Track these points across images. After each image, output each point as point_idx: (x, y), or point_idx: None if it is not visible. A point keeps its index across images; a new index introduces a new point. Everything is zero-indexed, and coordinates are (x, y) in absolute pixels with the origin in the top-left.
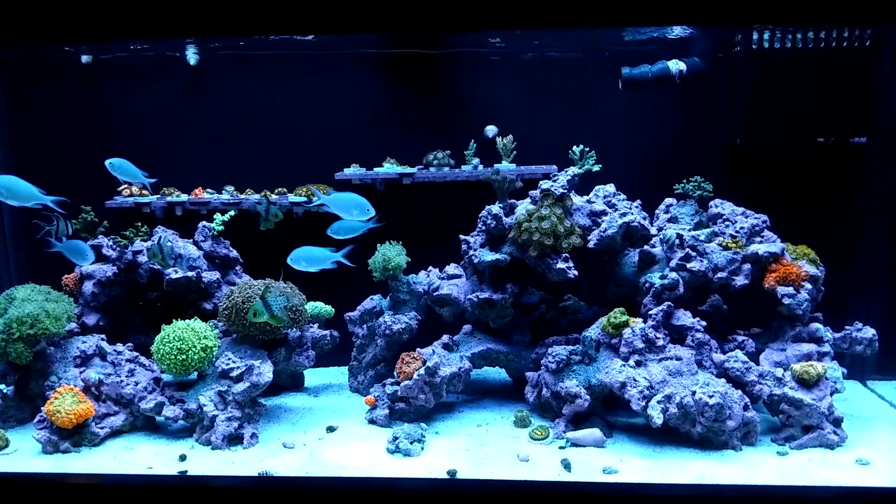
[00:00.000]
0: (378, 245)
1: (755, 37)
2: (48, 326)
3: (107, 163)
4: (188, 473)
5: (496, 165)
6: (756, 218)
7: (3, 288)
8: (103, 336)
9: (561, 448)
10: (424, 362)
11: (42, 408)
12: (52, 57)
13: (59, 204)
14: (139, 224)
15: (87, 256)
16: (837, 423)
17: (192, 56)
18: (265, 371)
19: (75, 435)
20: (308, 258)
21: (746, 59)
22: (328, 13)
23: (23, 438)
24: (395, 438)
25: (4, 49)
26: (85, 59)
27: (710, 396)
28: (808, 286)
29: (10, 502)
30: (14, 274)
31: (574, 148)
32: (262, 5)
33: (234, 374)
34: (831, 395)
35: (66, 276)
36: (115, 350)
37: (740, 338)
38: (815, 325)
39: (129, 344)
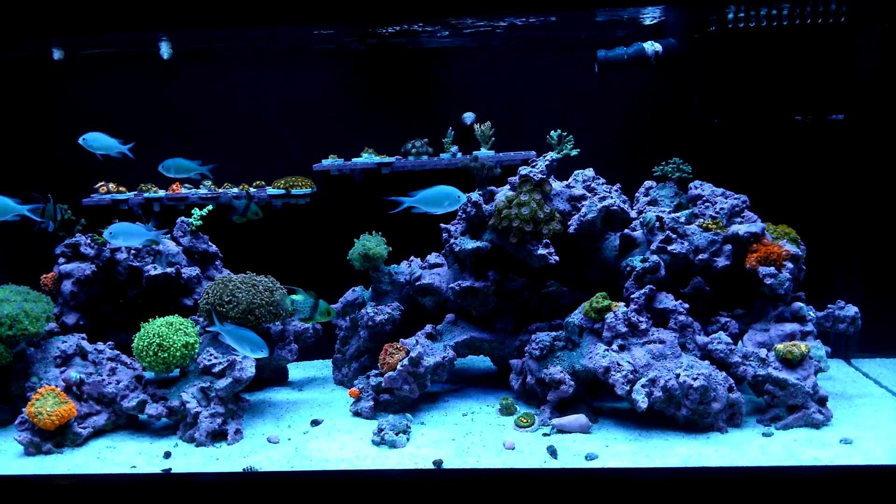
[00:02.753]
0: (358, 236)
1: (730, 16)
2: (27, 327)
3: (80, 140)
4: (172, 471)
5: (475, 153)
6: (736, 198)
7: None
8: (84, 335)
9: (546, 435)
10: (408, 353)
11: (23, 409)
12: (24, 54)
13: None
14: (116, 221)
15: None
16: (822, 402)
17: (165, 50)
18: (248, 366)
19: (58, 436)
20: (125, 233)
21: (721, 38)
22: (306, 4)
23: (4, 441)
24: (381, 430)
25: None
26: (57, 55)
27: (695, 379)
28: (790, 265)
29: None
30: None
31: (552, 133)
32: None
33: (217, 369)
34: (815, 374)
35: (44, 275)
36: (95, 349)
37: (723, 319)
38: (798, 305)
39: (110, 342)
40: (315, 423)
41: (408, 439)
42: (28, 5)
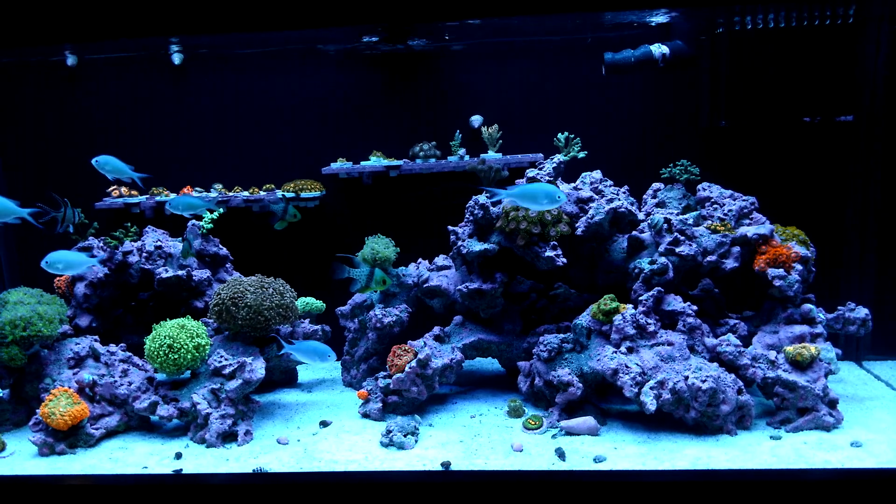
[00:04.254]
0: (366, 238)
1: (737, 18)
2: (41, 329)
3: (93, 161)
4: (183, 472)
5: (482, 155)
6: (744, 200)
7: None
8: (96, 337)
9: (554, 437)
10: (416, 354)
11: (37, 410)
12: (38, 60)
13: (35, 215)
14: (129, 224)
15: (324, 357)
16: (833, 404)
17: (176, 55)
18: (257, 367)
19: (71, 436)
20: (65, 262)
21: (729, 40)
22: (314, 7)
23: (19, 441)
24: (389, 431)
25: None
26: (70, 61)
27: (703, 381)
28: (799, 267)
29: None
30: (7, 277)
31: (559, 135)
32: (248, 2)
33: (227, 371)
34: (826, 376)
35: (57, 278)
36: (108, 351)
37: (732, 321)
38: (808, 307)
39: (122, 344)
40: (324, 424)
41: (416, 441)
42: (40, 12)
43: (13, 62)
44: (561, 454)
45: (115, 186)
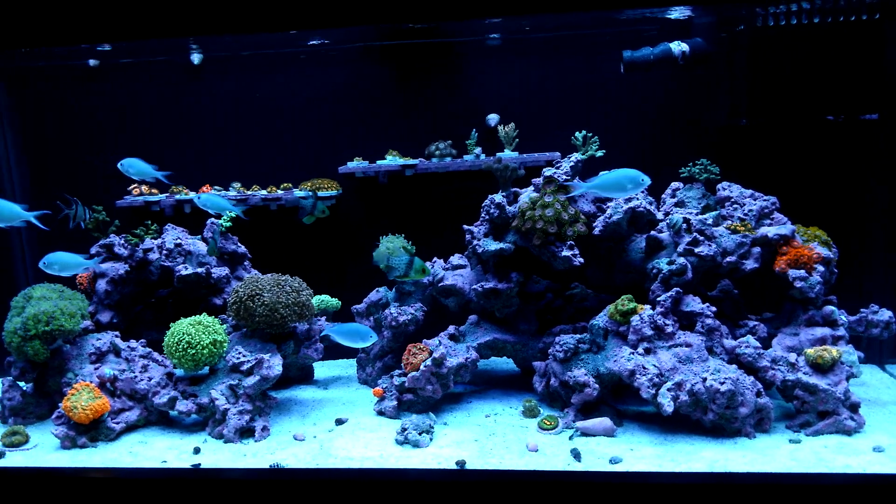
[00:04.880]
0: (381, 237)
1: (759, 13)
2: (63, 324)
3: (119, 165)
4: (202, 466)
5: (498, 154)
6: (765, 200)
7: (20, 287)
8: (117, 333)
9: (571, 438)
10: (431, 353)
11: (60, 404)
12: (60, 62)
13: (42, 218)
14: (149, 222)
15: (366, 338)
16: (854, 408)
17: (195, 56)
18: (275, 364)
19: (92, 430)
20: (60, 263)
21: (750, 37)
22: (332, 7)
23: (42, 434)
24: (404, 429)
25: (13, 54)
26: (92, 62)
27: (722, 383)
28: (821, 268)
29: (31, 497)
30: (30, 273)
31: (577, 134)
32: (267, 3)
33: (245, 367)
34: (847, 379)
35: (79, 274)
36: (128, 346)
37: (752, 323)
38: (829, 308)
39: (142, 340)
40: (339, 421)
41: (431, 439)
42: (63, 13)
43: (39, 65)
44: (577, 455)
45: (135, 185)
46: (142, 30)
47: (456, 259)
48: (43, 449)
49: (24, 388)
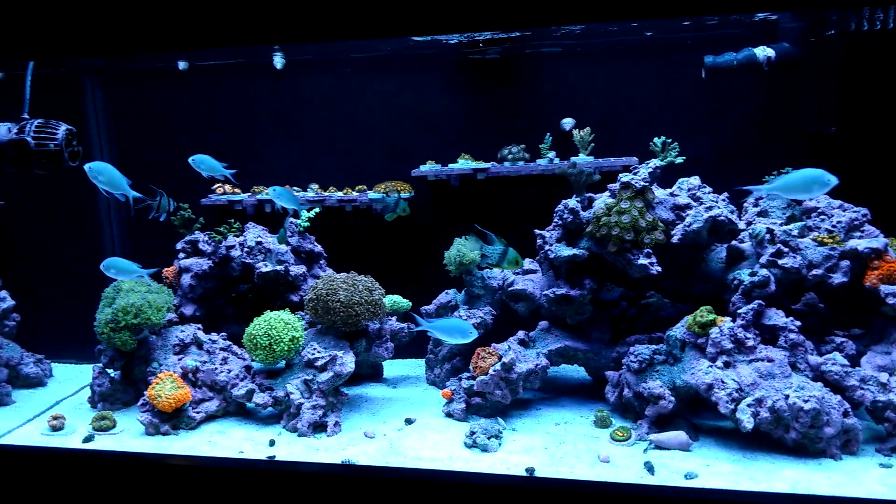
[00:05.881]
0: (455, 239)
1: (850, 17)
2: (150, 316)
3: (190, 160)
4: (276, 459)
5: (573, 158)
6: (855, 211)
7: (110, 280)
8: (199, 326)
9: (646, 451)
10: (500, 358)
11: (144, 392)
12: (153, 66)
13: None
14: (232, 220)
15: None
16: None
17: (278, 61)
18: (348, 361)
19: (174, 418)
20: (117, 268)
21: (841, 41)
22: (413, 17)
23: (128, 420)
24: (473, 433)
25: (112, 59)
26: (182, 65)
27: (806, 401)
28: None
29: (116, 479)
30: None
31: (655, 139)
32: (346, 12)
33: (319, 363)
34: None
35: (166, 269)
36: (209, 339)
37: (839, 339)
38: None
39: (223, 333)
40: (409, 421)
41: (500, 444)
42: (155, 23)
43: (133, 67)
44: (650, 468)
45: (219, 184)
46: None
47: (527, 263)
48: (128, 434)
49: (112, 376)
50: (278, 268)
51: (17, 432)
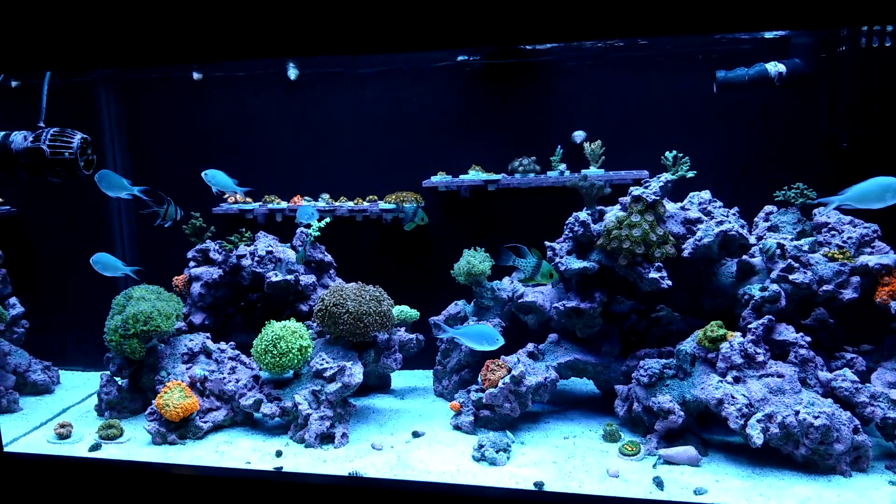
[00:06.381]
0: (464, 250)
1: (862, 33)
2: (160, 324)
3: (203, 174)
4: (283, 470)
5: (584, 171)
6: (865, 227)
7: (120, 286)
8: (208, 335)
9: (655, 466)
10: (509, 370)
11: (153, 401)
12: (167, 76)
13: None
14: (243, 229)
15: (493, 341)
16: None
17: (292, 72)
18: (356, 372)
19: (181, 427)
20: (102, 263)
21: (852, 58)
22: (424, 31)
23: (135, 428)
24: (481, 446)
25: (125, 69)
26: (196, 76)
27: (816, 417)
28: None
29: (123, 488)
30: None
31: (667, 153)
32: (360, 27)
33: (328, 374)
34: None
35: (176, 277)
36: (218, 348)
37: (849, 355)
38: None
39: (231, 342)
40: (416, 434)
41: (508, 458)
42: (169, 35)
43: (145, 77)
44: (659, 483)
45: (230, 194)
46: (246, 49)
47: None
48: (135, 443)
49: (120, 384)
50: (288, 277)
51: (23, 440)
